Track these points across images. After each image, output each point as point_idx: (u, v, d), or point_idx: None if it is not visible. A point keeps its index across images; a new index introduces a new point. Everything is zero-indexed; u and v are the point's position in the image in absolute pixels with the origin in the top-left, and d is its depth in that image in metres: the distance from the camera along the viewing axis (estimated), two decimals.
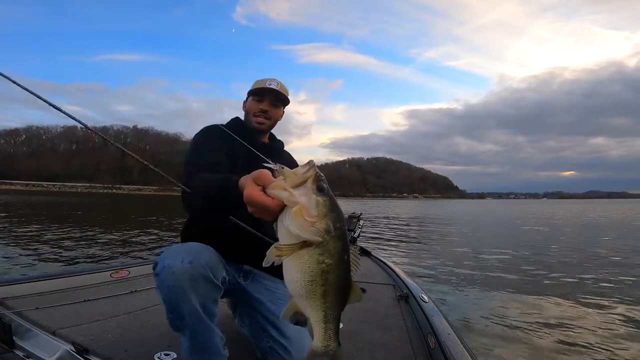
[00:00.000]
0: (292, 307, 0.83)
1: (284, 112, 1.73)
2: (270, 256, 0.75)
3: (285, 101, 1.69)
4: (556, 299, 4.55)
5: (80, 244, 8.23)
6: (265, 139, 1.73)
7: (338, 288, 0.79)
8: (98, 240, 8.92)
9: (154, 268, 1.25)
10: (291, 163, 1.72)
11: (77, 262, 6.26)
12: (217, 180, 1.14)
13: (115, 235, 10.07)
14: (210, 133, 1.58)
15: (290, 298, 0.82)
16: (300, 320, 0.83)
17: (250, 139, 1.61)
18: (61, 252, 7.12)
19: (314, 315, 0.81)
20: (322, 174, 0.78)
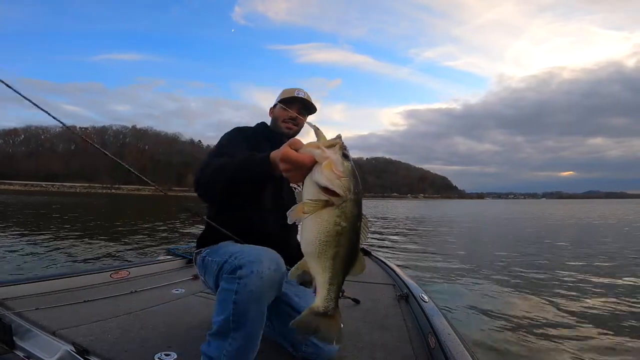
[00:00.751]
0: (301, 266, 0.93)
1: (306, 118, 1.84)
2: (297, 211, 0.86)
3: (311, 109, 1.81)
4: (557, 299, 4.56)
5: (80, 244, 8.21)
6: None
7: (347, 253, 0.89)
8: (98, 241, 8.90)
9: (234, 272, 1.23)
10: None
11: (77, 263, 6.25)
12: (239, 159, 1.22)
13: (114, 236, 10.06)
14: (235, 134, 1.68)
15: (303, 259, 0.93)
16: (305, 280, 0.94)
17: (277, 142, 1.63)
18: (61, 253, 7.11)
19: (321, 276, 0.91)
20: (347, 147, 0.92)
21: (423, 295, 2.32)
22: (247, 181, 1.18)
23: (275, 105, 1.82)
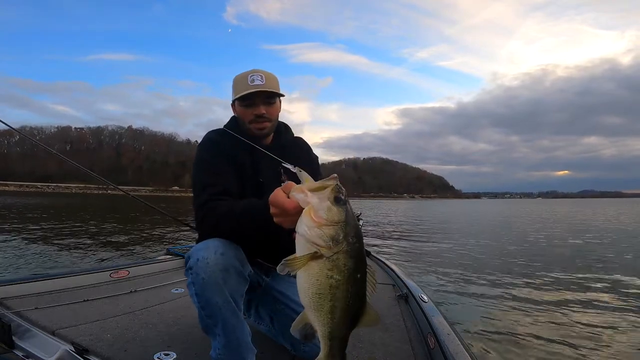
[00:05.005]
0: (303, 319, 0.85)
1: (280, 102, 1.52)
2: (286, 264, 0.77)
3: (277, 95, 1.47)
4: (555, 299, 4.58)
5: (79, 244, 8.19)
6: (269, 140, 1.55)
7: (347, 306, 0.80)
8: (97, 240, 8.88)
9: (186, 263, 1.26)
10: (304, 150, 1.67)
11: (77, 262, 6.23)
12: (241, 211, 1.18)
13: (114, 235, 10.04)
14: (214, 148, 1.45)
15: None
16: (308, 333, 0.85)
17: (258, 144, 1.48)
18: (60, 252, 7.09)
19: (320, 330, 0.82)
20: (344, 189, 0.80)
21: (422, 295, 2.32)
22: (251, 232, 1.18)
23: (234, 102, 1.49)
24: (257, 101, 1.42)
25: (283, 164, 0.98)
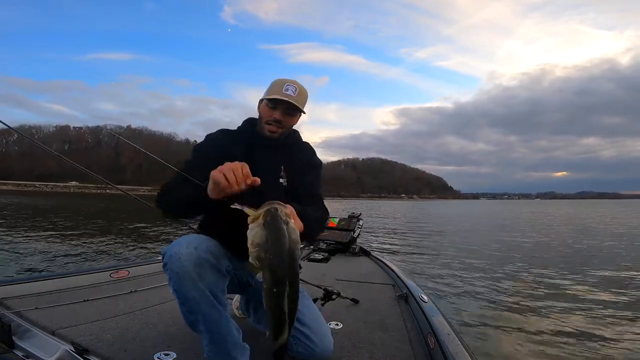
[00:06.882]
0: None
1: (300, 116, 1.60)
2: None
3: (301, 110, 1.56)
4: (554, 298, 4.59)
5: (80, 244, 8.18)
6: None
7: (279, 311, 0.98)
8: (97, 240, 8.87)
9: (162, 259, 1.30)
10: (308, 154, 1.71)
11: (77, 262, 6.23)
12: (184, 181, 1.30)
13: (114, 235, 10.02)
14: (207, 142, 1.58)
15: None
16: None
17: (259, 141, 1.58)
18: (61, 252, 7.07)
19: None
20: (275, 211, 0.96)
21: (422, 295, 2.33)
22: (190, 198, 1.26)
23: (262, 101, 1.57)
24: (281, 108, 1.51)
25: (231, 206, 1.05)
